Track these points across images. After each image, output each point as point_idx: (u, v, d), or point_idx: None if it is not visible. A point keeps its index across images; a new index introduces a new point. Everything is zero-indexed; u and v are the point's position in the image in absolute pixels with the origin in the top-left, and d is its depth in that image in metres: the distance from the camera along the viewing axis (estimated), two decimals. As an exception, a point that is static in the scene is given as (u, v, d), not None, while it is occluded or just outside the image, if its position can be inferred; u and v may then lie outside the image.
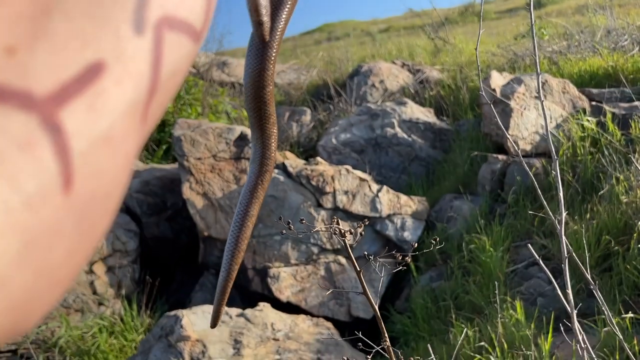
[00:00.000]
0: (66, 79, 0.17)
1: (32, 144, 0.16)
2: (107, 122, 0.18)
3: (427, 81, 5.63)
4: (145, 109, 0.21)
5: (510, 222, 3.42)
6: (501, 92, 4.00)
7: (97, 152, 0.18)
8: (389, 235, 3.42)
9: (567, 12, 11.69)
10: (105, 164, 0.18)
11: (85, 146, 0.17)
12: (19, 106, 0.16)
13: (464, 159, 4.13)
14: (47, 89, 0.16)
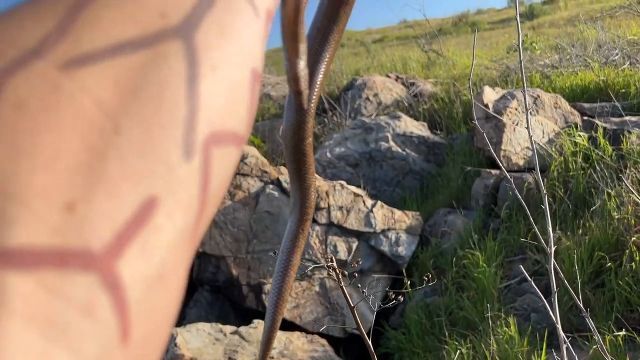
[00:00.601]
0: (121, 225, 0.17)
1: (94, 306, 0.16)
2: (159, 259, 0.18)
3: (420, 94, 5.66)
4: (195, 231, 0.21)
5: (503, 237, 3.44)
6: (494, 107, 4.03)
7: (151, 293, 0.18)
8: (384, 251, 3.43)
9: (559, 23, 11.80)
10: (158, 301, 0.18)
11: (140, 292, 0.17)
12: (80, 268, 0.16)
13: (457, 173, 4.15)
14: (104, 242, 0.16)
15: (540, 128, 3.93)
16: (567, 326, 2.79)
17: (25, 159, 0.16)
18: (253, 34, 0.26)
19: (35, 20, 0.19)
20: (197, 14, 0.23)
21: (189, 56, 0.22)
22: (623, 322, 2.72)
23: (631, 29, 6.77)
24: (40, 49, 0.18)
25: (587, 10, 11.63)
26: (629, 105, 4.19)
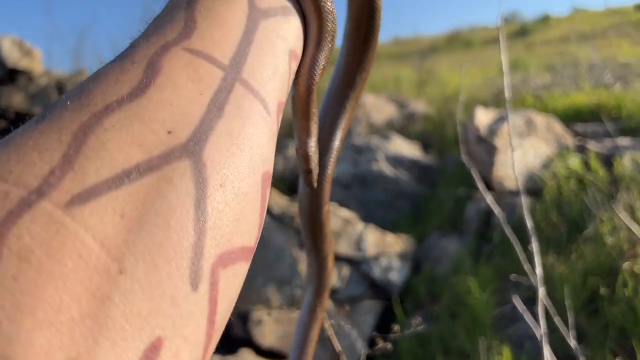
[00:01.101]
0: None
1: None
2: None
3: (412, 115, 5.65)
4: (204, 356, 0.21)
5: (497, 262, 3.39)
6: (486, 130, 4.01)
7: None
8: (375, 277, 3.38)
9: (552, 41, 11.91)
10: None
11: None
12: None
13: (449, 195, 4.12)
14: None
15: (533, 151, 3.91)
16: (561, 354, 2.74)
17: (27, 316, 0.16)
18: (264, 135, 0.27)
19: (41, 151, 0.20)
20: (205, 126, 0.23)
21: (197, 175, 0.22)
22: (618, 350, 2.67)
23: (622, 48, 6.82)
24: (44, 187, 0.19)
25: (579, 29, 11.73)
26: (621, 127, 4.18)
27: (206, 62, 0.26)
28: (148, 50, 0.26)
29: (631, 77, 5.16)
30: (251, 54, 0.29)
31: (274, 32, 0.31)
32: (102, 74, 0.25)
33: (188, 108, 0.23)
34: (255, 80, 0.28)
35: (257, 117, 0.27)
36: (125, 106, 0.22)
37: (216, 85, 0.25)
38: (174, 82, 0.24)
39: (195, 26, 0.28)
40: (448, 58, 10.32)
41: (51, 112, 0.22)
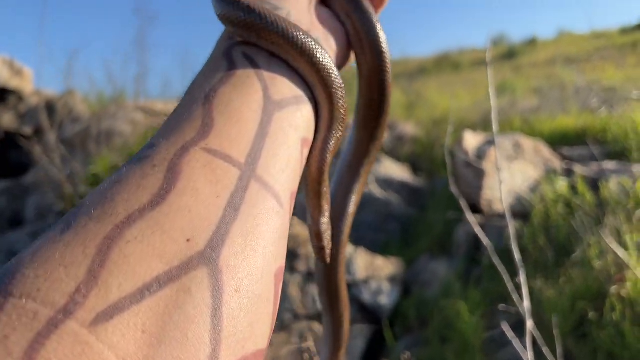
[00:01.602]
0: None
1: None
2: None
3: (401, 137, 5.68)
4: None
5: (486, 286, 3.40)
6: (474, 153, 4.04)
7: None
8: (365, 300, 3.37)
9: (539, 63, 12.08)
10: None
11: None
12: None
13: (439, 218, 4.13)
14: None
15: (521, 174, 3.94)
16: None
17: None
18: (277, 231, 0.28)
19: (67, 266, 0.21)
20: (222, 230, 0.25)
21: (214, 283, 0.23)
22: (607, 376, 2.67)
23: (607, 72, 6.93)
24: (71, 306, 0.19)
25: (565, 52, 11.93)
26: (607, 151, 4.24)
27: (223, 161, 0.28)
28: (168, 152, 0.27)
29: (616, 101, 5.23)
30: (266, 148, 0.30)
31: (287, 123, 0.33)
32: (124, 179, 0.26)
33: (206, 213, 0.25)
34: (269, 175, 0.29)
35: (271, 213, 0.28)
36: (147, 215, 0.23)
37: (233, 186, 0.27)
38: (193, 187, 0.26)
39: (212, 124, 0.29)
40: (437, 80, 10.43)
41: (76, 221, 0.23)
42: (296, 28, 0.37)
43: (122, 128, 5.55)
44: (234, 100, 0.32)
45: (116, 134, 5.42)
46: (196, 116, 0.30)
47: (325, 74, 0.37)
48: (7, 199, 5.95)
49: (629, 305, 2.84)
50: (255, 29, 0.36)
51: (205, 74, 0.35)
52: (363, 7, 0.42)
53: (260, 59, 0.36)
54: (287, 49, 0.36)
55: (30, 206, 5.50)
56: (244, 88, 0.33)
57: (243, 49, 0.36)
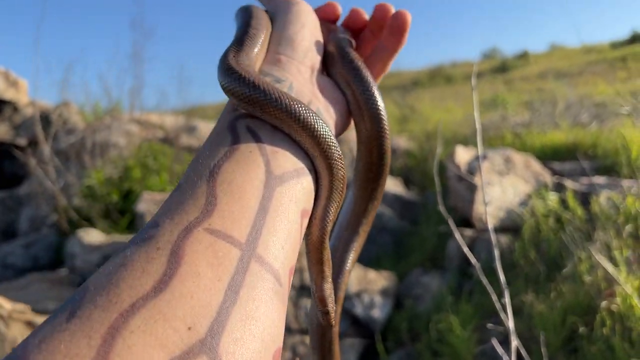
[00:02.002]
0: None
1: None
2: None
3: (394, 150, 5.72)
4: None
5: (478, 300, 3.42)
6: (466, 168, 4.08)
7: None
8: (357, 314, 3.38)
9: (530, 77, 12.17)
10: None
11: None
12: None
13: (431, 232, 4.16)
14: None
15: (512, 189, 3.98)
16: (542, 394, 2.76)
17: None
18: (275, 312, 0.29)
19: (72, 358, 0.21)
20: (222, 316, 0.26)
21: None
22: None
23: (597, 87, 7.00)
24: None
25: (557, 66, 12.04)
26: (597, 166, 4.29)
27: (225, 242, 0.29)
28: (172, 233, 0.29)
29: (606, 116, 5.30)
30: (266, 225, 0.32)
31: (287, 197, 0.35)
32: (129, 262, 0.27)
33: (207, 298, 0.26)
34: (269, 254, 0.31)
35: (270, 293, 0.29)
36: (150, 302, 0.24)
37: (233, 268, 0.28)
38: (195, 271, 0.27)
39: (216, 202, 0.31)
40: (430, 93, 10.51)
41: (81, 308, 0.24)
42: (298, 103, 0.38)
43: (117, 140, 5.56)
44: (237, 177, 0.33)
45: (111, 146, 5.42)
46: (200, 194, 0.31)
47: (326, 146, 0.39)
48: (0, 210, 5.93)
49: (619, 320, 2.86)
50: (259, 104, 0.37)
51: (210, 147, 0.36)
52: (363, 76, 0.44)
53: (263, 132, 0.38)
54: (289, 123, 0.38)
55: (24, 218, 5.49)
56: (246, 164, 0.34)
57: (247, 122, 0.38)
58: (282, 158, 0.37)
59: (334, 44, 0.47)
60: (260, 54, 0.44)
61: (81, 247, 3.87)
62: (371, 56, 0.51)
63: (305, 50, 0.45)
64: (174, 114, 6.69)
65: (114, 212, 4.61)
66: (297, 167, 0.37)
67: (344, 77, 0.44)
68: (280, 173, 0.35)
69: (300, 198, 0.36)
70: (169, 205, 0.32)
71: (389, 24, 0.49)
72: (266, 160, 0.35)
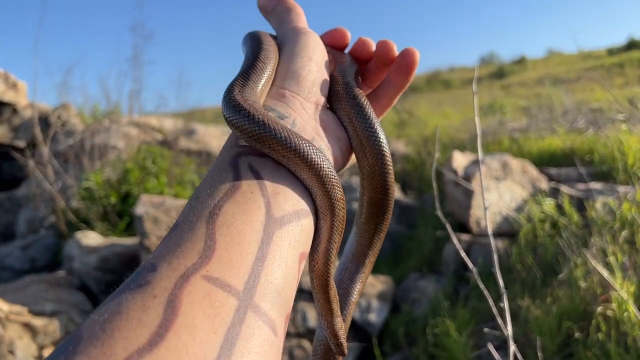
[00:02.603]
0: None
1: None
2: None
3: (392, 155, 5.73)
4: None
5: (474, 304, 3.43)
6: (463, 173, 4.10)
7: None
8: (354, 318, 3.39)
9: (528, 82, 12.21)
10: None
11: None
12: None
13: (428, 236, 4.17)
14: None
15: (509, 194, 4.00)
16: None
17: None
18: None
19: None
20: None
21: None
22: (592, 396, 2.70)
23: (594, 93, 7.03)
24: None
25: (554, 72, 12.08)
26: (594, 171, 4.31)
27: (222, 291, 0.29)
28: (169, 279, 0.28)
29: (603, 122, 5.33)
30: (264, 272, 0.32)
31: (287, 241, 0.35)
32: (124, 310, 0.26)
33: (202, 353, 0.26)
34: (266, 302, 0.31)
35: (265, 345, 0.29)
36: (145, 357, 0.24)
37: (230, 319, 0.28)
38: (191, 323, 0.26)
39: (215, 247, 0.31)
40: (428, 98, 10.54)
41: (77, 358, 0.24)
42: (305, 142, 0.38)
43: (115, 142, 5.57)
44: (237, 219, 0.33)
45: (110, 149, 5.43)
46: (199, 236, 0.31)
47: (330, 186, 0.39)
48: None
49: (615, 326, 2.87)
50: (267, 142, 0.37)
51: (211, 184, 0.36)
52: (366, 113, 0.44)
53: (266, 171, 0.37)
54: (296, 162, 0.38)
55: (22, 219, 5.49)
56: (247, 205, 0.34)
57: (249, 159, 0.38)
58: (282, 199, 0.36)
59: (339, 78, 0.47)
60: (265, 87, 0.44)
61: (79, 249, 3.88)
62: (378, 90, 0.51)
63: (311, 85, 0.45)
64: (173, 117, 6.70)
65: (112, 215, 4.62)
66: (298, 209, 0.37)
67: (347, 113, 0.45)
68: (280, 215, 0.35)
69: (299, 241, 0.36)
70: (166, 247, 0.31)
71: (397, 60, 0.49)
72: (267, 202, 0.35)
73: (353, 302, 0.48)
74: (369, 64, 0.52)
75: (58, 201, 4.84)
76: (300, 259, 0.36)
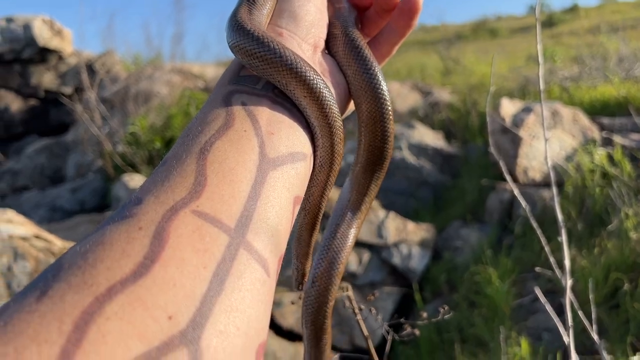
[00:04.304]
0: None
1: None
2: None
3: (436, 103, 5.61)
4: None
5: (517, 254, 3.39)
6: (511, 120, 3.98)
7: None
8: (395, 264, 3.40)
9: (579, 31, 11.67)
10: None
11: None
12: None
13: (472, 185, 4.11)
14: None
15: (558, 143, 3.88)
16: (580, 347, 2.75)
17: None
18: (261, 304, 0.28)
19: (41, 344, 0.19)
20: (206, 307, 0.24)
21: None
22: (638, 346, 2.67)
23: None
24: None
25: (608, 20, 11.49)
26: (650, 121, 4.12)
27: (213, 226, 0.27)
28: (156, 212, 0.27)
29: (662, 71, 5.06)
30: (257, 212, 0.30)
31: (281, 182, 0.33)
32: (108, 241, 0.25)
33: (191, 286, 0.24)
34: (258, 241, 0.29)
35: (257, 284, 0.28)
36: (129, 287, 0.22)
37: (220, 255, 0.26)
38: (179, 256, 0.25)
39: (205, 182, 0.29)
40: (473, 46, 10.20)
41: (53, 287, 0.22)
42: (311, 68, 0.37)
43: (159, 89, 5.62)
44: (229, 157, 0.31)
45: (153, 95, 5.49)
46: (189, 172, 0.30)
47: (331, 118, 0.38)
48: (48, 156, 6.13)
49: (664, 278, 2.81)
50: (273, 64, 0.36)
51: (203, 121, 0.34)
52: (365, 56, 0.42)
53: (260, 110, 0.36)
54: (298, 86, 0.37)
55: (71, 163, 5.66)
56: (240, 144, 0.32)
57: (243, 97, 0.36)
58: (277, 140, 0.35)
59: (338, 23, 0.45)
60: (266, 20, 0.42)
61: (126, 191, 3.99)
62: (379, 37, 0.48)
63: (309, 26, 0.43)
64: (215, 64, 6.69)
65: (157, 159, 4.71)
66: (293, 151, 0.35)
67: (345, 57, 0.43)
68: (274, 156, 0.34)
69: (293, 184, 0.34)
70: (154, 181, 0.30)
71: (399, 6, 0.46)
72: (261, 142, 0.33)
73: (349, 246, 0.47)
74: (368, 11, 0.49)
75: (105, 145, 4.96)
76: (295, 202, 0.34)
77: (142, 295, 0.22)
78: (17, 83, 6.99)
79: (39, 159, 6.10)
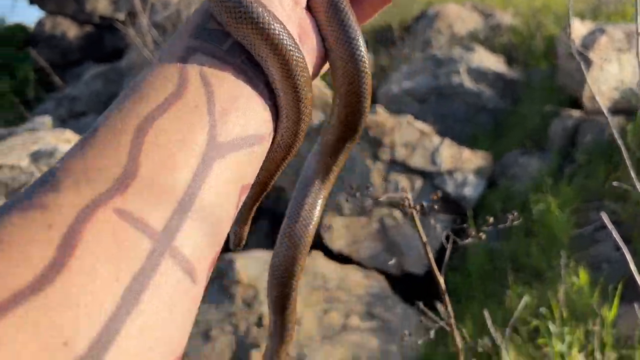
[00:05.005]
0: None
1: None
2: None
3: (498, 26, 5.29)
4: None
5: (580, 183, 3.23)
6: (581, 42, 3.70)
7: None
8: (448, 191, 3.31)
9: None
10: None
11: None
12: None
13: (534, 112, 3.91)
14: None
15: (631, 67, 3.59)
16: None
17: None
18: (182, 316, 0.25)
19: None
20: (112, 329, 0.21)
21: None
22: None
23: None
24: None
25: None
26: None
27: (136, 230, 0.23)
28: (72, 207, 0.23)
29: None
30: (194, 209, 0.26)
31: (228, 172, 0.29)
32: (6, 239, 0.21)
33: (98, 304, 0.21)
34: (188, 246, 0.25)
35: (179, 294, 0.24)
36: (22, 306, 0.19)
37: (139, 265, 0.23)
38: (89, 266, 0.21)
39: (137, 172, 0.25)
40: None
41: None
42: (281, 25, 0.33)
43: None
44: (171, 140, 0.27)
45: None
46: (120, 154, 0.25)
47: (298, 81, 0.34)
48: (103, 82, 6.24)
49: None
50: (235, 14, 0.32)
51: (151, 82, 0.29)
52: (344, 13, 0.39)
53: (219, 78, 0.31)
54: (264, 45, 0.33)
55: (125, 88, 5.75)
56: (187, 122, 0.28)
57: (204, 59, 0.31)
58: (233, 120, 0.30)
59: None
60: None
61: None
62: None
63: None
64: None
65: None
66: (248, 134, 0.31)
67: (324, 14, 0.40)
68: (225, 140, 0.29)
69: (243, 173, 0.30)
70: (81, 157, 0.25)
71: None
72: (212, 122, 0.29)
73: (317, 217, 0.46)
74: None
75: (158, 70, 4.97)
76: (242, 191, 0.31)
77: (35, 316, 0.19)
78: (72, 9, 7.05)
79: (95, 85, 6.21)
